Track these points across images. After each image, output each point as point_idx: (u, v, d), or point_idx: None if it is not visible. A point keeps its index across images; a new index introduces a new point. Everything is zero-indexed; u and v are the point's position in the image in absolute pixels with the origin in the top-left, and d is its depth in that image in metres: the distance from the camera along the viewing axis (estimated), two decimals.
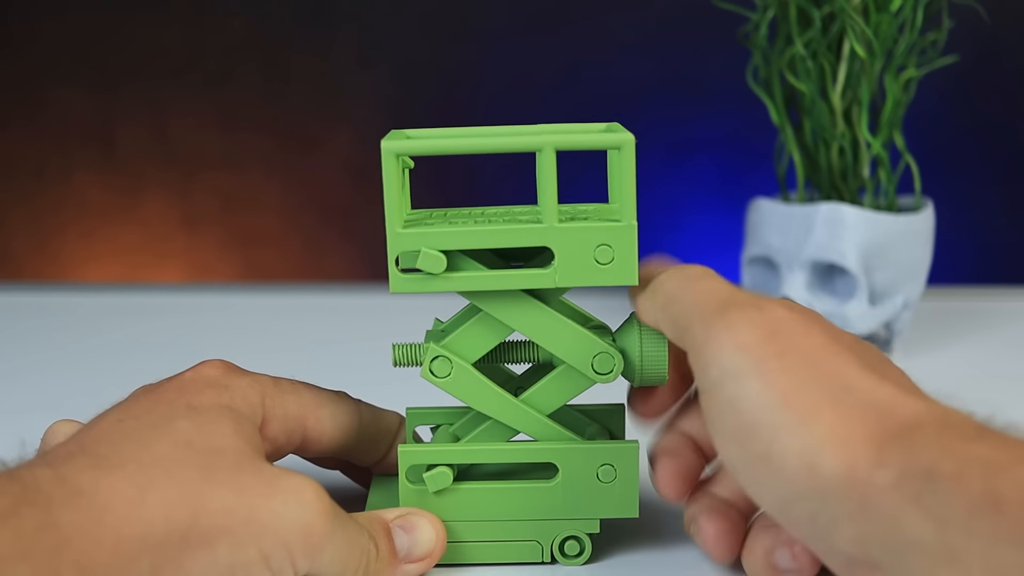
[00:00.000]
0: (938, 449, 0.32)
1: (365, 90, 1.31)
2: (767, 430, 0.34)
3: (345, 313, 0.81)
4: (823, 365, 0.35)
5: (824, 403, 0.34)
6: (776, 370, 0.35)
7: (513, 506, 0.43)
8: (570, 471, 0.43)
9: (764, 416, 0.34)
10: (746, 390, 0.35)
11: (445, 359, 0.43)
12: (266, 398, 0.42)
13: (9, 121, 1.34)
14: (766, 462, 0.34)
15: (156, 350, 0.73)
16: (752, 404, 0.35)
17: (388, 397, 0.48)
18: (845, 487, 0.33)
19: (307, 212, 1.35)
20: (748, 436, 0.35)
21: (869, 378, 0.35)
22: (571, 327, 0.42)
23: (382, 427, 0.46)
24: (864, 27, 0.63)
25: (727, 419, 0.36)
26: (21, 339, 0.76)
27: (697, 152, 1.26)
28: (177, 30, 1.31)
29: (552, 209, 0.40)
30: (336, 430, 0.44)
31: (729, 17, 0.70)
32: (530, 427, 0.43)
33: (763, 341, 0.36)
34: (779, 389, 0.35)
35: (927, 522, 0.31)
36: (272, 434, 0.42)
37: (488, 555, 0.44)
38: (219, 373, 0.42)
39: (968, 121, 1.24)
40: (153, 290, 0.89)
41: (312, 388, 0.45)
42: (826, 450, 0.33)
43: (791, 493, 0.34)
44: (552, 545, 0.43)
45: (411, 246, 0.41)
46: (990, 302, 0.82)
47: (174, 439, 0.37)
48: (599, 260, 0.41)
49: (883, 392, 0.35)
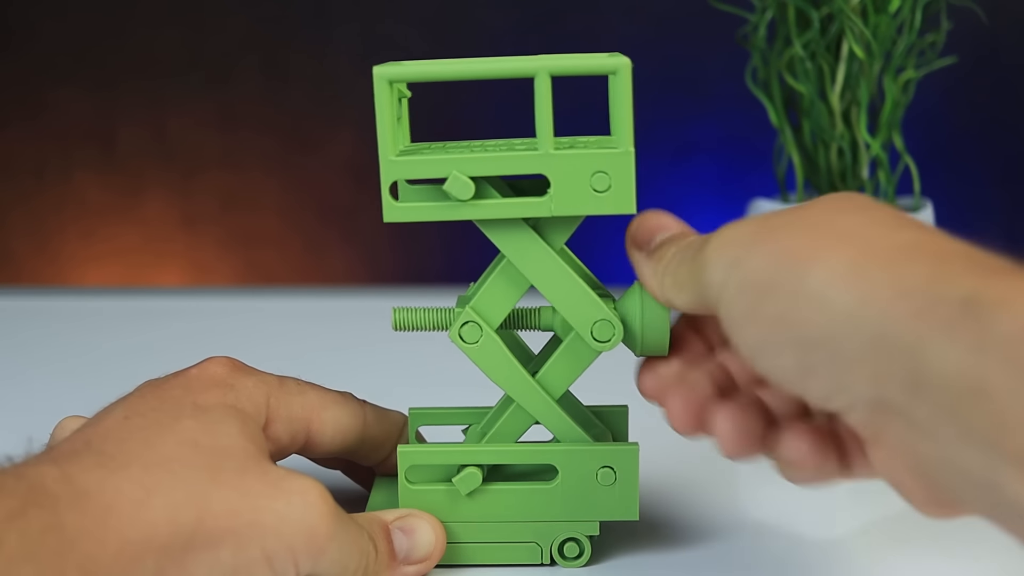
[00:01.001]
0: (975, 278, 0.29)
1: (365, 90, 1.30)
2: (774, 291, 0.33)
3: (345, 316, 0.82)
4: (826, 224, 0.34)
5: (832, 246, 0.33)
6: (777, 236, 0.34)
7: (512, 508, 0.43)
8: (570, 473, 0.43)
9: (772, 276, 0.33)
10: (750, 265, 0.34)
11: (475, 325, 0.42)
12: (271, 398, 0.42)
13: (9, 121, 1.34)
14: (781, 321, 0.33)
15: (157, 353, 0.73)
16: (758, 273, 0.34)
17: (389, 400, 0.48)
18: (861, 319, 0.31)
19: (307, 212, 1.35)
20: (761, 305, 0.33)
21: (885, 226, 0.34)
22: (579, 287, 0.42)
23: (387, 428, 0.46)
24: (863, 28, 0.63)
25: (739, 303, 0.34)
26: (23, 342, 0.76)
27: (697, 153, 1.26)
28: (177, 30, 1.31)
29: (548, 136, 0.39)
30: (340, 431, 0.44)
31: (727, 18, 0.70)
32: (542, 412, 0.43)
33: (757, 224, 0.35)
34: (783, 247, 0.34)
35: (956, 352, 0.28)
36: (276, 434, 0.42)
37: (487, 556, 0.44)
38: (225, 371, 0.42)
39: (967, 122, 1.24)
40: (153, 293, 0.89)
41: (317, 389, 0.45)
42: (838, 284, 0.31)
43: (808, 342, 0.32)
44: (551, 547, 0.43)
45: (405, 174, 0.40)
46: None
47: (180, 438, 0.37)
48: (596, 188, 0.40)
49: (903, 233, 0.33)
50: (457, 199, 0.40)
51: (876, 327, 0.30)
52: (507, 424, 0.44)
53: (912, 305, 0.30)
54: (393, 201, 0.40)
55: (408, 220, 0.40)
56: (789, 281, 0.33)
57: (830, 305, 0.31)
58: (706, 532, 0.47)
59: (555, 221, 0.41)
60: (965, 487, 0.30)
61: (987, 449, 0.28)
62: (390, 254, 1.37)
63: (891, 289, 0.30)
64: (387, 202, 0.40)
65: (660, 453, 0.52)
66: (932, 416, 0.29)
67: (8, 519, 0.32)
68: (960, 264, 0.30)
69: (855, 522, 0.49)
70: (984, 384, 0.28)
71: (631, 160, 0.40)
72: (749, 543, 0.47)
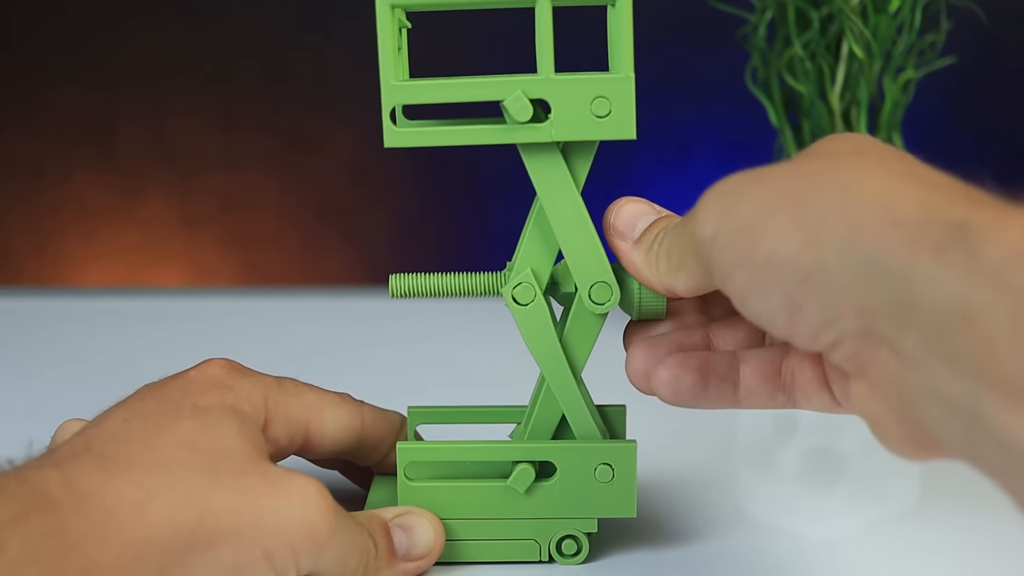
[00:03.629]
0: (967, 207, 0.29)
1: (365, 90, 1.31)
2: (764, 231, 0.33)
3: (345, 316, 0.82)
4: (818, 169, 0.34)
5: (822, 184, 0.33)
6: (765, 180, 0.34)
7: (511, 505, 0.43)
8: (568, 470, 0.43)
9: (762, 218, 0.33)
10: (740, 212, 0.34)
11: (529, 286, 0.42)
12: (269, 399, 0.42)
13: (8, 121, 1.34)
14: (771, 261, 0.33)
15: (157, 354, 0.73)
16: (749, 218, 0.34)
17: (388, 400, 0.48)
18: (851, 249, 0.30)
19: (307, 212, 1.35)
20: (752, 247, 0.33)
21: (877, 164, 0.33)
22: (593, 238, 0.42)
23: (384, 428, 0.46)
24: (862, 28, 0.63)
25: (730, 250, 0.34)
26: (22, 343, 0.76)
27: (697, 153, 1.26)
28: (177, 30, 1.31)
29: (549, 63, 0.39)
30: (338, 432, 0.44)
31: (727, 19, 0.70)
32: (569, 392, 0.43)
33: (745, 174, 0.36)
34: (773, 190, 0.34)
35: (946, 277, 0.28)
36: (275, 435, 0.42)
37: (486, 553, 0.44)
38: (223, 373, 0.42)
39: (967, 122, 1.24)
40: (153, 294, 0.89)
41: (315, 390, 0.45)
42: (830, 218, 0.31)
43: (797, 277, 0.32)
44: (550, 544, 0.44)
45: (406, 99, 0.40)
46: None
47: (179, 440, 0.37)
48: (596, 113, 0.40)
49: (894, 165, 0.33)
50: (515, 120, 0.39)
51: (866, 255, 0.30)
52: (539, 419, 0.44)
53: (903, 233, 0.29)
54: (393, 126, 0.40)
55: (409, 145, 0.39)
56: (780, 221, 0.33)
57: (821, 239, 0.31)
58: (704, 530, 0.47)
59: (572, 155, 0.41)
60: (946, 420, 0.29)
61: (973, 377, 0.28)
62: (390, 254, 1.37)
63: (882, 217, 0.30)
64: (388, 128, 0.40)
65: (658, 451, 0.52)
66: (919, 345, 0.29)
67: (10, 523, 0.32)
68: (951, 193, 0.30)
69: (855, 522, 0.49)
70: (973, 309, 0.27)
71: (631, 85, 0.40)
72: (747, 542, 0.47)
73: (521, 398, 0.49)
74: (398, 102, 0.40)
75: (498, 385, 0.63)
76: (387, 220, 1.35)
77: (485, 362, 0.69)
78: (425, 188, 1.33)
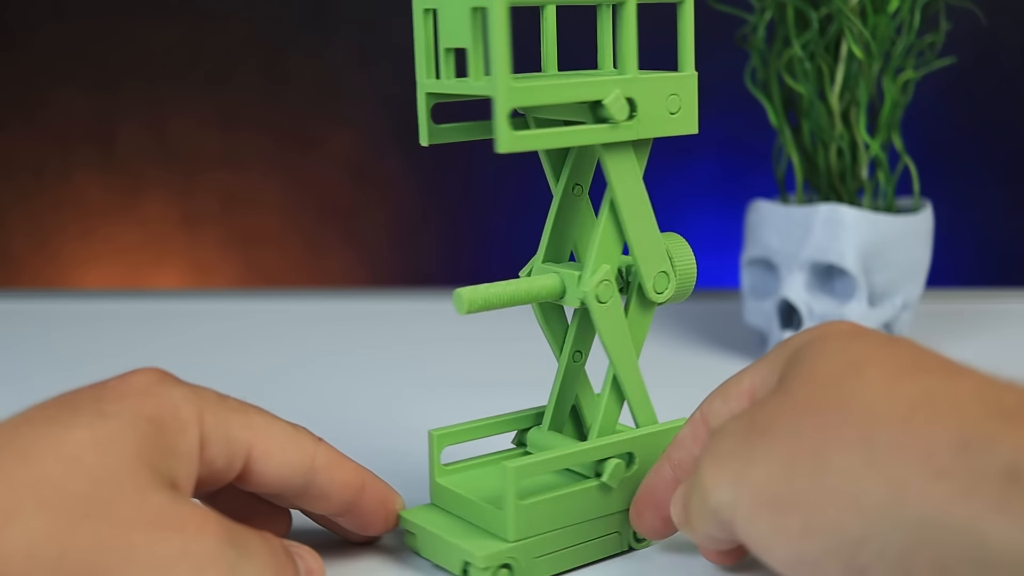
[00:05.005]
0: (1006, 439, 0.28)
1: (365, 90, 1.31)
2: (793, 502, 0.31)
3: (345, 318, 0.82)
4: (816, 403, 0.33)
5: (835, 434, 0.31)
6: (770, 437, 0.33)
7: (601, 502, 0.42)
8: (644, 457, 0.43)
9: (785, 486, 0.31)
10: (755, 479, 0.32)
11: (610, 283, 0.42)
12: (206, 414, 0.37)
13: (8, 121, 1.35)
14: (811, 531, 0.31)
15: (157, 356, 0.73)
16: (768, 486, 0.32)
17: (388, 400, 0.48)
18: (899, 510, 0.29)
19: (307, 212, 1.35)
20: (783, 519, 0.32)
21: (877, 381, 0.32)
22: (656, 231, 0.43)
23: (340, 478, 0.40)
24: (862, 29, 0.63)
25: (758, 524, 0.32)
26: (22, 345, 0.76)
27: (696, 153, 1.26)
28: (177, 30, 1.31)
29: (633, 62, 0.40)
30: (285, 466, 0.39)
31: (727, 19, 0.70)
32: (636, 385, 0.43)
33: (744, 426, 0.34)
34: (783, 451, 0.32)
35: (1017, 529, 0.28)
36: (210, 457, 0.37)
37: (581, 557, 0.42)
38: (149, 381, 0.37)
39: (967, 121, 1.24)
40: (153, 296, 0.89)
41: (265, 414, 0.39)
42: (861, 477, 0.30)
43: (850, 544, 0.30)
44: (631, 533, 0.43)
45: (527, 101, 0.38)
46: (990, 304, 0.82)
47: (62, 453, 0.32)
48: (670, 110, 0.41)
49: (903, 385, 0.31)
50: (614, 119, 0.40)
51: (919, 515, 0.29)
52: (607, 415, 0.44)
53: (951, 486, 0.29)
54: (510, 130, 0.38)
55: (526, 149, 0.38)
56: (806, 487, 0.31)
57: (861, 502, 0.30)
58: None
59: (638, 151, 0.42)
60: None
61: None
62: (390, 255, 1.37)
63: (921, 469, 0.29)
64: (504, 132, 0.38)
65: None
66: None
67: None
68: (980, 415, 0.30)
69: None
70: None
71: (695, 83, 0.41)
72: None
73: (521, 401, 0.49)
74: (515, 104, 0.39)
75: (498, 387, 0.63)
76: (387, 220, 1.35)
77: (485, 364, 0.69)
78: (425, 188, 1.33)
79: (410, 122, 0.48)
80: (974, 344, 0.72)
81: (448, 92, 0.40)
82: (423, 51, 0.40)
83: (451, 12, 0.38)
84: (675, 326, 0.76)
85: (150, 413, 0.35)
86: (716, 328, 0.75)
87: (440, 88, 0.40)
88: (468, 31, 0.38)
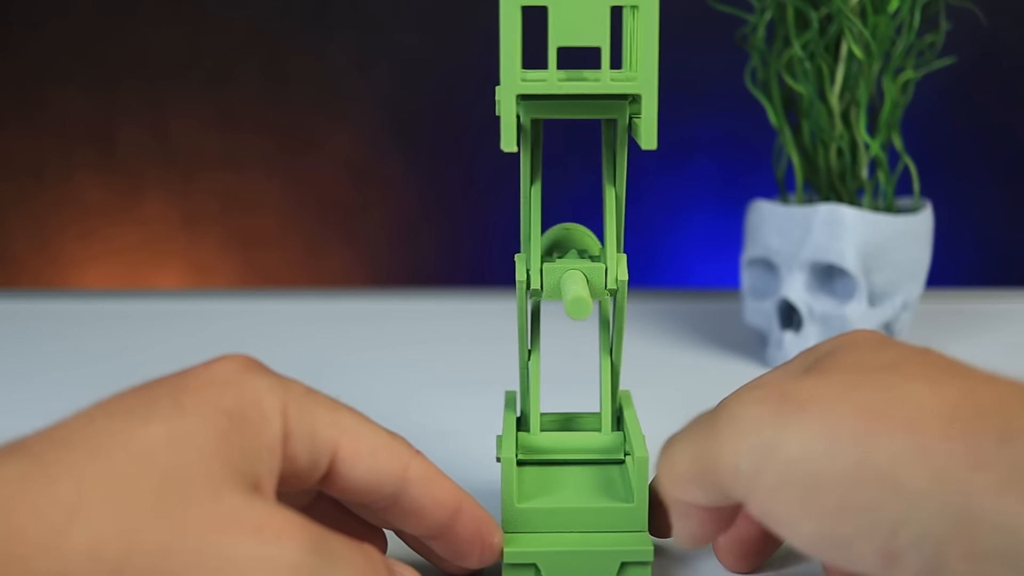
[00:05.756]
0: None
1: (364, 90, 1.31)
2: (831, 481, 0.31)
3: (345, 318, 0.82)
4: (853, 383, 0.33)
5: (876, 417, 0.31)
6: (807, 410, 0.32)
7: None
8: None
9: (824, 463, 0.31)
10: (789, 451, 0.32)
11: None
12: (290, 405, 0.35)
13: (8, 121, 1.35)
14: (847, 510, 0.31)
15: (157, 356, 0.73)
16: (805, 462, 0.31)
17: (388, 401, 0.48)
18: (942, 498, 0.29)
19: (307, 212, 1.35)
20: (817, 496, 0.31)
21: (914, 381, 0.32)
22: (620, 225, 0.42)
23: (433, 496, 0.37)
24: (862, 28, 0.63)
25: (787, 498, 0.32)
26: (22, 345, 0.76)
27: (696, 154, 1.26)
28: (177, 30, 1.31)
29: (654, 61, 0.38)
30: (373, 471, 0.36)
31: (727, 19, 0.70)
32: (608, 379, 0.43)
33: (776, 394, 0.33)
34: (823, 426, 0.32)
35: None
36: (293, 453, 0.34)
37: None
38: (232, 369, 0.35)
39: (967, 122, 1.24)
40: (153, 296, 0.89)
41: (357, 415, 0.37)
42: (905, 463, 0.30)
43: (888, 526, 0.30)
44: None
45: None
46: (990, 304, 0.82)
47: (134, 449, 0.31)
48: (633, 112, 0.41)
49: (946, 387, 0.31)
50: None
51: (959, 504, 0.29)
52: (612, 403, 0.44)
53: (993, 477, 0.29)
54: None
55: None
56: (847, 467, 0.31)
57: (903, 487, 0.30)
58: None
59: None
60: None
61: None
62: (389, 255, 1.37)
63: (963, 459, 0.29)
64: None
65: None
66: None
67: None
68: (1018, 408, 0.30)
69: None
70: None
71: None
72: None
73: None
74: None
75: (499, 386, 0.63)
76: (387, 220, 1.35)
77: (486, 364, 0.69)
78: (425, 188, 1.33)
79: (410, 122, 0.48)
80: (974, 344, 0.72)
81: (553, 92, 0.38)
82: (515, 50, 0.37)
83: (574, 10, 0.37)
84: (675, 326, 0.76)
85: (229, 406, 0.33)
86: (716, 328, 0.75)
87: (543, 89, 0.38)
88: (600, 29, 0.37)
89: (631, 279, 0.43)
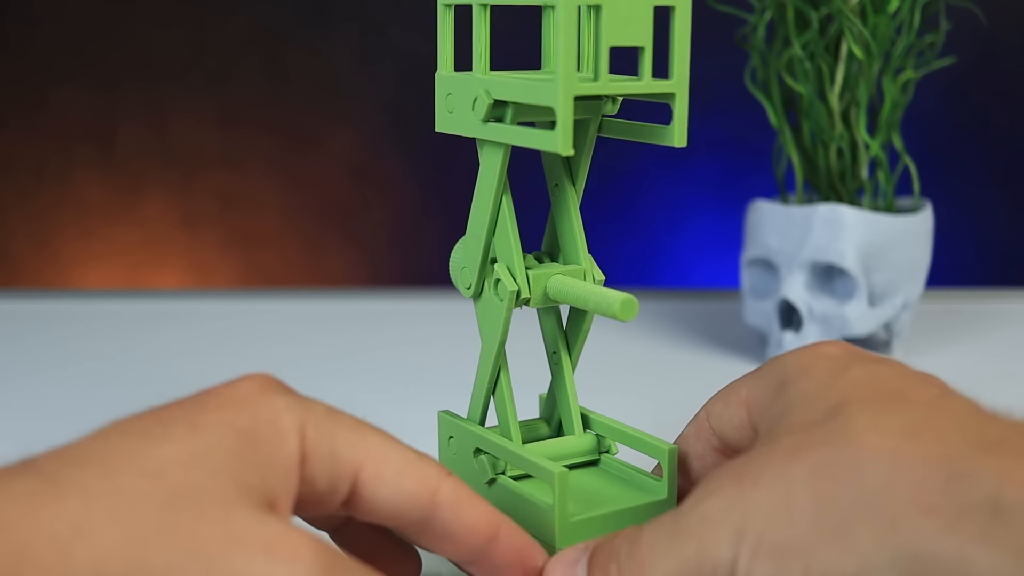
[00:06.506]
0: (990, 471, 0.30)
1: (365, 90, 1.31)
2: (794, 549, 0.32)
3: (345, 318, 0.82)
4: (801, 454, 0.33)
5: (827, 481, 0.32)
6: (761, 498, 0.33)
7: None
8: None
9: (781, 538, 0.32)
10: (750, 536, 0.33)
11: None
12: (308, 426, 0.33)
13: (8, 121, 1.35)
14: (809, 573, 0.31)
15: (157, 357, 0.73)
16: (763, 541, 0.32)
17: (388, 401, 0.48)
18: (892, 547, 0.30)
19: (307, 213, 1.35)
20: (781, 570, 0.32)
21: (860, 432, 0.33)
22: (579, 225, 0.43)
23: (467, 520, 0.36)
24: (862, 29, 0.63)
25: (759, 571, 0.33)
26: (22, 345, 0.76)
27: (696, 153, 1.26)
28: (177, 30, 1.31)
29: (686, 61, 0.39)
30: (399, 495, 0.34)
31: (727, 19, 0.70)
32: None
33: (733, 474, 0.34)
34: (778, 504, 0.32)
35: (1003, 562, 0.29)
36: (310, 473, 0.33)
37: None
38: (251, 388, 0.34)
39: (967, 122, 1.24)
40: (153, 296, 0.89)
41: (384, 436, 0.35)
42: (854, 519, 0.31)
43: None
44: None
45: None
46: (990, 304, 0.82)
47: (146, 467, 0.30)
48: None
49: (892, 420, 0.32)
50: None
51: (910, 550, 0.30)
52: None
53: (940, 521, 0.30)
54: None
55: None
56: (805, 532, 0.32)
57: (857, 542, 0.31)
58: None
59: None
60: None
61: None
62: (390, 255, 1.37)
63: (912, 506, 0.30)
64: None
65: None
66: None
67: None
68: (963, 448, 0.31)
69: None
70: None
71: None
72: None
73: (523, 400, 0.49)
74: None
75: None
76: (387, 220, 1.35)
77: None
78: (425, 188, 1.33)
79: (410, 122, 0.48)
80: (974, 344, 0.72)
81: (604, 93, 0.38)
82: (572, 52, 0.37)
83: (625, 10, 0.37)
84: (675, 326, 0.76)
85: (244, 425, 0.32)
86: (716, 328, 0.75)
87: (597, 90, 0.38)
88: (645, 29, 0.37)
89: (631, 279, 0.43)
